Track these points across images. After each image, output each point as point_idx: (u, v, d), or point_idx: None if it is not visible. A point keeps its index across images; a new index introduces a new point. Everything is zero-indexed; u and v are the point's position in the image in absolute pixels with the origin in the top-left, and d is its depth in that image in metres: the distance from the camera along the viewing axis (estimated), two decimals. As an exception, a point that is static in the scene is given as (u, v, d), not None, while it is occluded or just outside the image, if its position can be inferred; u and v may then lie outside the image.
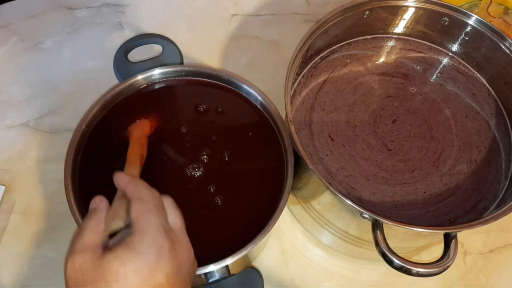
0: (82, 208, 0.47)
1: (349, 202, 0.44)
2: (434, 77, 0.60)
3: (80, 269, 0.32)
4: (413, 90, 0.59)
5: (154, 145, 0.51)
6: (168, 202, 0.38)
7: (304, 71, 0.59)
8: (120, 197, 0.38)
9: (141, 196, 0.36)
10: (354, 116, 0.56)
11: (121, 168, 0.49)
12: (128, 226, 0.35)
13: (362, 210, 0.44)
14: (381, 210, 0.51)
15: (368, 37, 0.62)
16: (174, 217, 0.37)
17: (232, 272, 0.44)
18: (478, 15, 0.56)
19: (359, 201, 0.51)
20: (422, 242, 0.54)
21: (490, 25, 0.56)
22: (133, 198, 0.36)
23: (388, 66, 0.61)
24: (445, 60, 0.61)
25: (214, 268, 0.43)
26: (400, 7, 0.58)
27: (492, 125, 0.57)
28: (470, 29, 0.57)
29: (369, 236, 0.45)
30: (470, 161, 0.55)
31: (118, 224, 0.35)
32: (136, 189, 0.37)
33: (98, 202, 0.37)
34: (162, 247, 0.33)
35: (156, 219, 0.34)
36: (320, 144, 0.54)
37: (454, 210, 0.52)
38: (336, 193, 0.44)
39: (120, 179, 0.38)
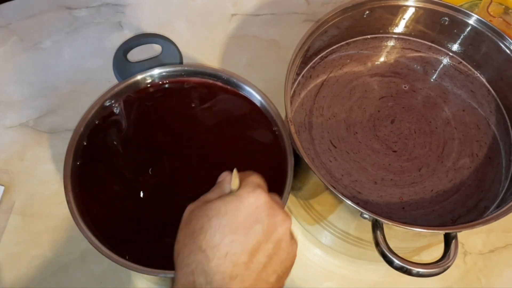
0: (82, 208, 0.46)
1: (348, 202, 0.44)
2: (431, 75, 0.60)
3: (191, 210, 0.38)
4: (405, 87, 0.59)
5: (153, 145, 0.51)
6: None
7: (304, 71, 0.59)
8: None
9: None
10: (353, 123, 0.56)
11: (121, 168, 0.49)
12: None
13: (362, 210, 0.44)
14: (387, 212, 0.51)
15: (368, 36, 0.62)
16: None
17: (232, 272, 0.44)
18: (478, 15, 0.56)
19: (365, 204, 0.51)
20: (423, 242, 0.54)
21: (490, 24, 0.56)
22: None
23: (386, 66, 0.61)
24: (445, 60, 0.61)
25: (213, 268, 0.43)
26: (400, 6, 0.58)
27: (492, 123, 0.57)
28: (470, 29, 0.57)
29: (369, 236, 0.45)
30: (472, 155, 0.55)
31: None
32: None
33: (225, 175, 0.41)
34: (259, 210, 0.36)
35: (263, 196, 0.37)
36: (322, 151, 0.54)
37: (457, 209, 0.52)
38: (336, 193, 0.44)
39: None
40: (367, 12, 0.57)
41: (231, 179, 0.40)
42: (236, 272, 0.34)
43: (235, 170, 0.40)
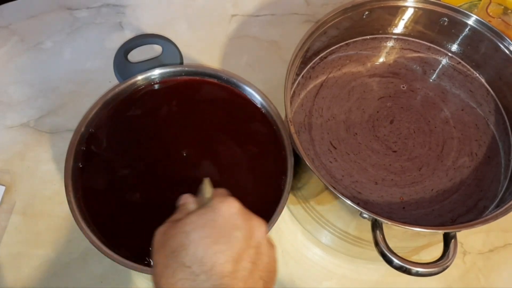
0: (83, 208, 0.47)
1: (348, 202, 0.44)
2: (430, 75, 0.61)
3: (163, 232, 0.37)
4: (403, 87, 0.59)
5: (154, 145, 0.51)
6: None
7: (304, 71, 0.59)
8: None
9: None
10: (353, 124, 0.56)
11: (121, 168, 0.50)
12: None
13: (361, 210, 0.44)
14: (388, 212, 0.51)
15: (367, 37, 0.62)
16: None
17: (232, 272, 0.44)
18: (477, 15, 0.56)
19: (365, 204, 0.51)
20: (422, 242, 0.54)
21: (489, 25, 0.56)
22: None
23: (385, 66, 0.61)
24: (444, 60, 0.62)
25: (214, 268, 0.43)
26: (399, 7, 0.58)
27: (491, 123, 0.58)
28: (469, 29, 0.58)
29: (368, 235, 0.45)
30: (471, 154, 0.55)
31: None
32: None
33: (187, 197, 0.40)
34: (235, 225, 0.35)
35: (235, 203, 0.37)
36: (323, 152, 0.54)
37: (457, 208, 0.52)
38: (336, 193, 0.44)
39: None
40: (367, 12, 0.58)
41: (193, 200, 0.39)
42: (225, 284, 0.33)
43: (206, 179, 0.40)
